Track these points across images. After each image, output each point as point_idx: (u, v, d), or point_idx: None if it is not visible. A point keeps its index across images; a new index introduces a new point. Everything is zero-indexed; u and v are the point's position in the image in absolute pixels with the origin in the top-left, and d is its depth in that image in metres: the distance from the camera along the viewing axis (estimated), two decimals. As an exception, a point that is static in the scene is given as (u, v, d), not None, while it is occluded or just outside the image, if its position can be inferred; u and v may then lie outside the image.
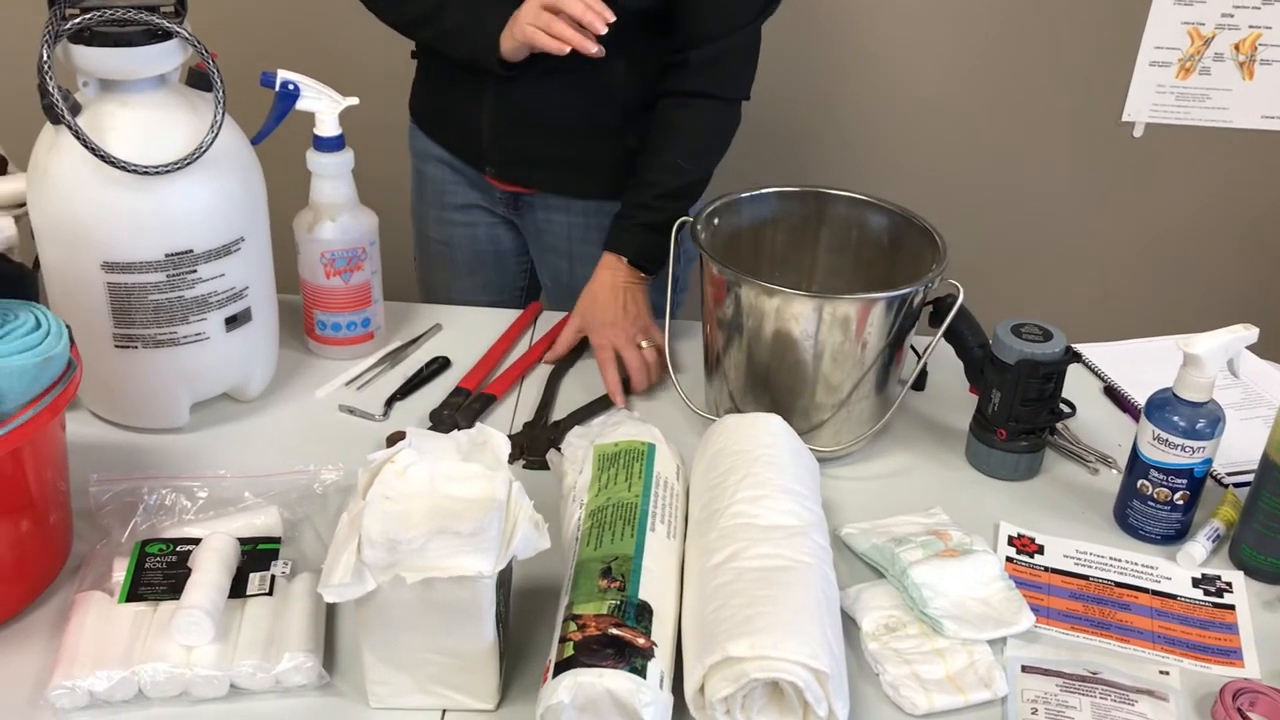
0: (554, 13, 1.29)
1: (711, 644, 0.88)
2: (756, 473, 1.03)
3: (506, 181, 1.59)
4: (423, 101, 1.64)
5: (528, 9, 1.32)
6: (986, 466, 1.25)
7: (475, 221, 1.66)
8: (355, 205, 1.34)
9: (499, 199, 1.63)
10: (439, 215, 1.67)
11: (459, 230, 1.67)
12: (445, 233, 1.68)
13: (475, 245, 1.68)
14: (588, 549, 0.97)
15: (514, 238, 1.69)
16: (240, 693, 0.94)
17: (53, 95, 1.07)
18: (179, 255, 1.14)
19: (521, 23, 1.32)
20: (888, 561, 1.07)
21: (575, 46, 1.29)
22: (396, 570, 0.85)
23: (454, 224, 1.67)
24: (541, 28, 1.30)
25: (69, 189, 1.12)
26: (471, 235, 1.67)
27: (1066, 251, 2.41)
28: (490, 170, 1.58)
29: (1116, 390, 1.40)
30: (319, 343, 1.38)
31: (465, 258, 1.69)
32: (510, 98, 1.48)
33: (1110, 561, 1.13)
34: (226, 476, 1.14)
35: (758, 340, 1.19)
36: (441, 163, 1.63)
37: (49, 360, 0.94)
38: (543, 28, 1.30)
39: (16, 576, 1.00)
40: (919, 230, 1.26)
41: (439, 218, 1.68)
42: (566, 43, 1.29)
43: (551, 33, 1.29)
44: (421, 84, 1.63)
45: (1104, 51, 2.19)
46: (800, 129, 2.28)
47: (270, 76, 1.27)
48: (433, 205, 1.67)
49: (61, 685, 0.90)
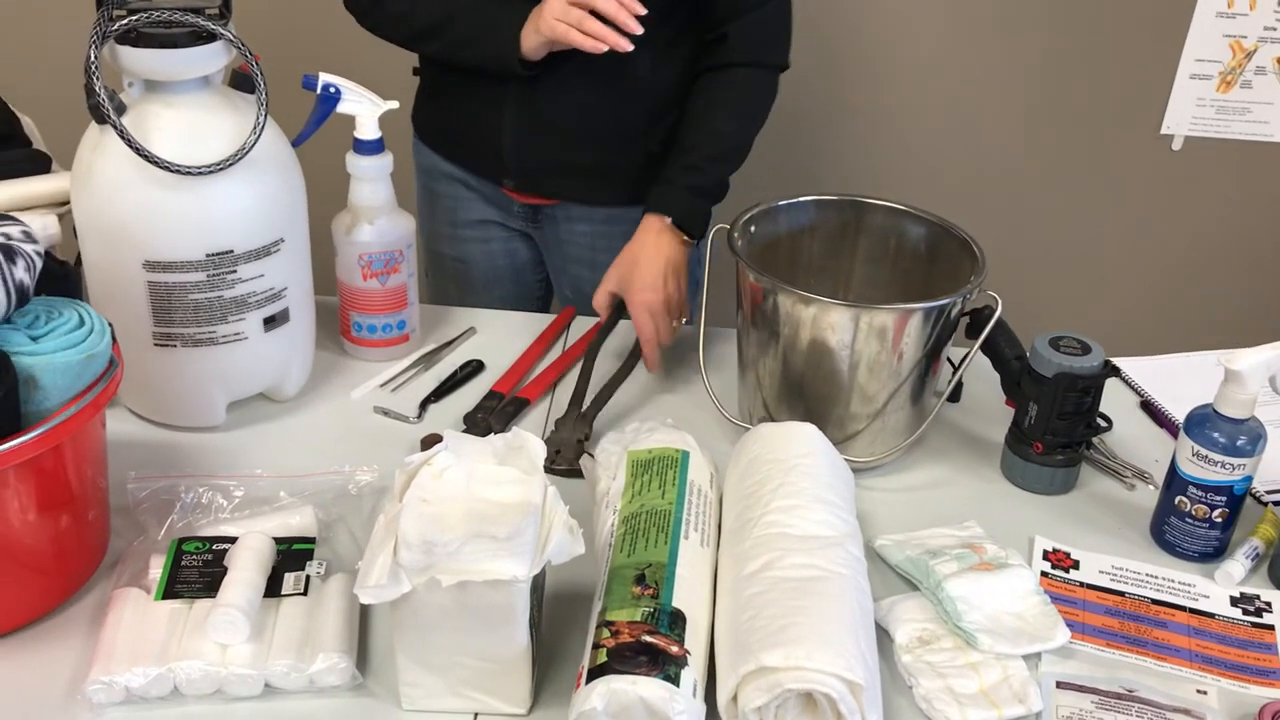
0: (583, 9, 1.27)
1: (745, 653, 0.88)
2: (792, 482, 1.03)
3: (526, 193, 1.58)
4: (431, 118, 1.61)
5: (555, 4, 1.29)
6: (1022, 480, 1.24)
7: (491, 237, 1.65)
8: (393, 208, 1.34)
9: (517, 212, 1.62)
10: (453, 233, 1.66)
11: (474, 247, 1.66)
12: (460, 250, 1.66)
13: (491, 260, 1.67)
14: (621, 555, 0.97)
15: (530, 250, 1.68)
16: (274, 692, 0.94)
17: (99, 95, 1.08)
18: (219, 255, 1.15)
19: (549, 19, 1.30)
20: (922, 574, 1.07)
21: (611, 44, 1.27)
22: (432, 573, 0.86)
23: (469, 240, 1.66)
24: (573, 24, 1.28)
25: (112, 188, 1.13)
26: (487, 251, 1.66)
27: (1104, 264, 2.39)
28: (509, 183, 1.56)
29: (1153, 405, 1.39)
30: (355, 344, 1.39)
31: (481, 273, 1.68)
32: (532, 105, 1.47)
33: (1146, 578, 1.12)
34: (262, 476, 1.15)
35: (793, 348, 1.19)
36: (453, 179, 1.62)
37: (92, 358, 0.95)
38: (574, 24, 1.28)
39: (55, 571, 1.00)
40: (957, 241, 1.25)
41: (453, 235, 1.66)
42: (601, 41, 1.27)
43: (584, 30, 1.27)
44: (428, 100, 1.60)
45: (1144, 64, 2.18)
46: (838, 138, 2.28)
47: (312, 79, 1.28)
48: (445, 223, 1.66)
49: (98, 681, 0.91)
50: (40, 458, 0.92)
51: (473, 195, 1.62)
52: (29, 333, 0.94)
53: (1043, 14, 2.15)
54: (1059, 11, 2.15)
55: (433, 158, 1.63)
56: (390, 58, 1.73)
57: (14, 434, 0.89)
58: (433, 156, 1.63)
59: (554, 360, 1.41)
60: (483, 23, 1.40)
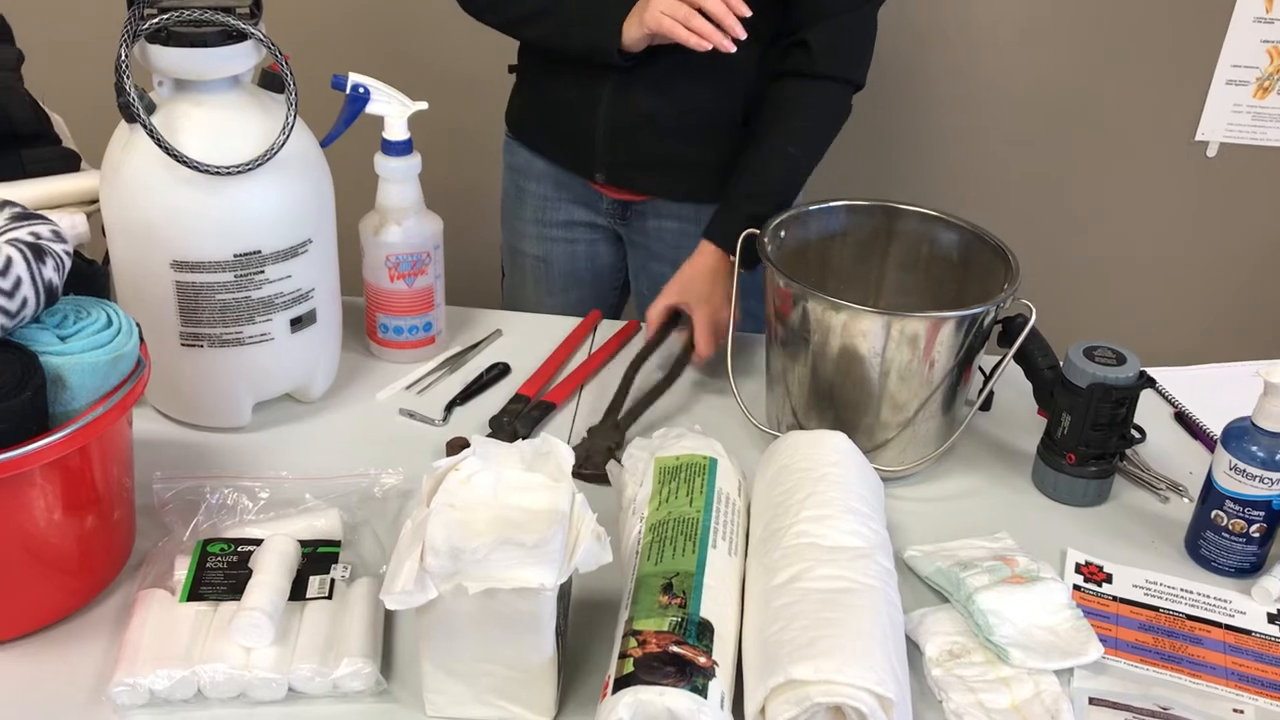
0: (691, 6, 1.27)
1: (774, 665, 0.86)
2: (821, 491, 1.02)
3: (616, 188, 1.57)
4: (525, 113, 1.62)
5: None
6: (1054, 491, 1.22)
7: (576, 238, 1.65)
8: (421, 210, 1.34)
9: (605, 209, 1.62)
10: (539, 232, 1.66)
11: (559, 246, 1.66)
12: (544, 249, 1.66)
13: (574, 261, 1.67)
14: (648, 564, 0.96)
15: (613, 252, 1.68)
16: (298, 696, 0.93)
17: (129, 94, 1.08)
18: (247, 256, 1.15)
19: (655, 12, 1.30)
20: (953, 586, 1.05)
21: (715, 44, 1.26)
22: (458, 579, 0.85)
23: (554, 240, 1.66)
24: (680, 21, 1.27)
25: (141, 187, 1.13)
26: (571, 252, 1.66)
27: (1137, 272, 2.37)
28: (600, 177, 1.56)
29: (1188, 417, 1.37)
30: (381, 345, 1.39)
31: (561, 274, 1.68)
32: (629, 97, 1.46)
33: (1181, 593, 1.10)
34: (288, 478, 1.15)
35: (823, 355, 1.17)
36: (545, 178, 1.62)
37: (119, 358, 0.94)
38: (681, 21, 1.27)
39: (81, 571, 1.00)
40: (991, 248, 1.24)
41: (539, 234, 1.66)
42: (706, 39, 1.26)
43: (690, 27, 1.27)
44: (524, 95, 1.61)
45: (1179, 69, 2.15)
46: (869, 143, 2.26)
47: (341, 79, 1.27)
48: (532, 222, 1.66)
49: (123, 682, 0.90)
50: (67, 458, 0.92)
51: (562, 195, 1.62)
52: (57, 332, 0.93)
53: (1078, 19, 2.13)
54: (1094, 17, 2.12)
55: (525, 155, 1.63)
56: (419, 58, 1.73)
57: (41, 434, 0.89)
58: (525, 154, 1.63)
59: (580, 364, 1.41)
60: (588, 10, 1.39)
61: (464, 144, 1.65)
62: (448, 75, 1.73)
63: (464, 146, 1.65)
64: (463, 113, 1.64)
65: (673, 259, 1.54)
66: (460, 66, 1.64)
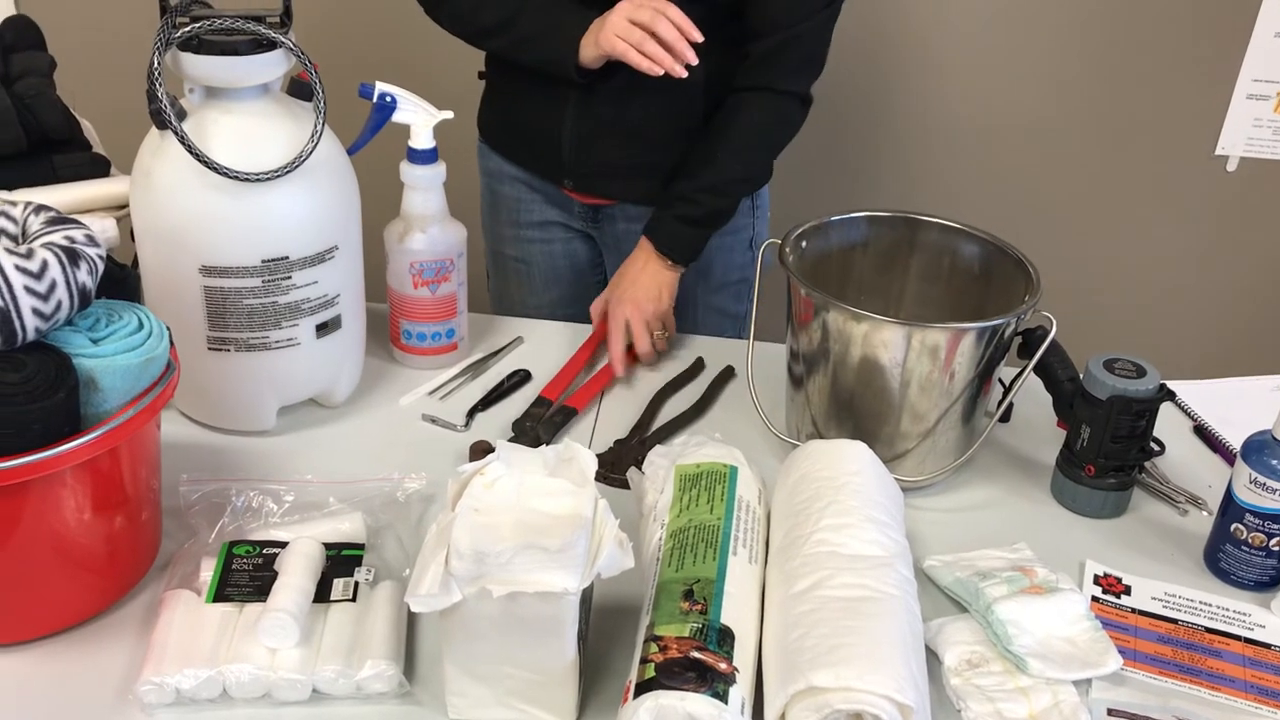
0: (644, 31, 1.29)
1: (794, 672, 0.87)
2: (841, 500, 1.02)
3: (586, 194, 1.60)
4: (494, 119, 1.64)
5: (617, 21, 1.32)
6: (1073, 503, 1.22)
7: (552, 238, 1.67)
8: (445, 217, 1.35)
9: (578, 213, 1.64)
10: (515, 234, 1.68)
11: (536, 247, 1.68)
12: (522, 250, 1.69)
13: (552, 261, 1.69)
14: (669, 570, 0.97)
15: (590, 251, 1.70)
16: (322, 697, 0.94)
17: (161, 101, 1.09)
18: (275, 261, 1.16)
19: (609, 34, 1.32)
20: (971, 596, 1.06)
21: (666, 69, 1.30)
22: (482, 583, 0.86)
23: (531, 241, 1.68)
24: (633, 45, 1.30)
25: (171, 193, 1.14)
26: (548, 251, 1.68)
27: (1157, 285, 2.37)
28: (569, 184, 1.58)
29: (1207, 430, 1.37)
30: (404, 352, 1.40)
31: (542, 274, 1.69)
32: (591, 108, 1.49)
33: (1200, 606, 1.10)
34: (312, 481, 1.16)
35: (844, 365, 1.18)
36: (517, 181, 1.64)
37: (150, 361, 0.96)
38: (634, 45, 1.30)
39: (108, 571, 1.02)
40: (1012, 260, 1.24)
41: (515, 236, 1.68)
42: (657, 64, 1.30)
43: (644, 51, 1.30)
44: (492, 102, 1.63)
45: (1200, 83, 2.16)
46: (890, 155, 2.27)
47: (368, 88, 1.29)
48: (508, 224, 1.68)
49: (150, 681, 0.92)
50: (97, 459, 0.93)
51: (535, 196, 1.64)
52: (90, 335, 0.95)
53: (1100, 33, 2.14)
54: (1116, 31, 2.13)
55: (496, 160, 1.65)
56: (447, 67, 1.74)
57: (74, 435, 0.91)
58: (496, 159, 1.65)
59: (603, 368, 1.42)
60: (546, 25, 1.42)
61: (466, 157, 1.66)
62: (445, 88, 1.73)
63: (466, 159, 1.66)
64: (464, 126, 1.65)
65: None
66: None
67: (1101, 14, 2.12)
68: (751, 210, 1.62)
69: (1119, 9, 2.11)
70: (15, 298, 0.87)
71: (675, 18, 1.30)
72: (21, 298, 0.88)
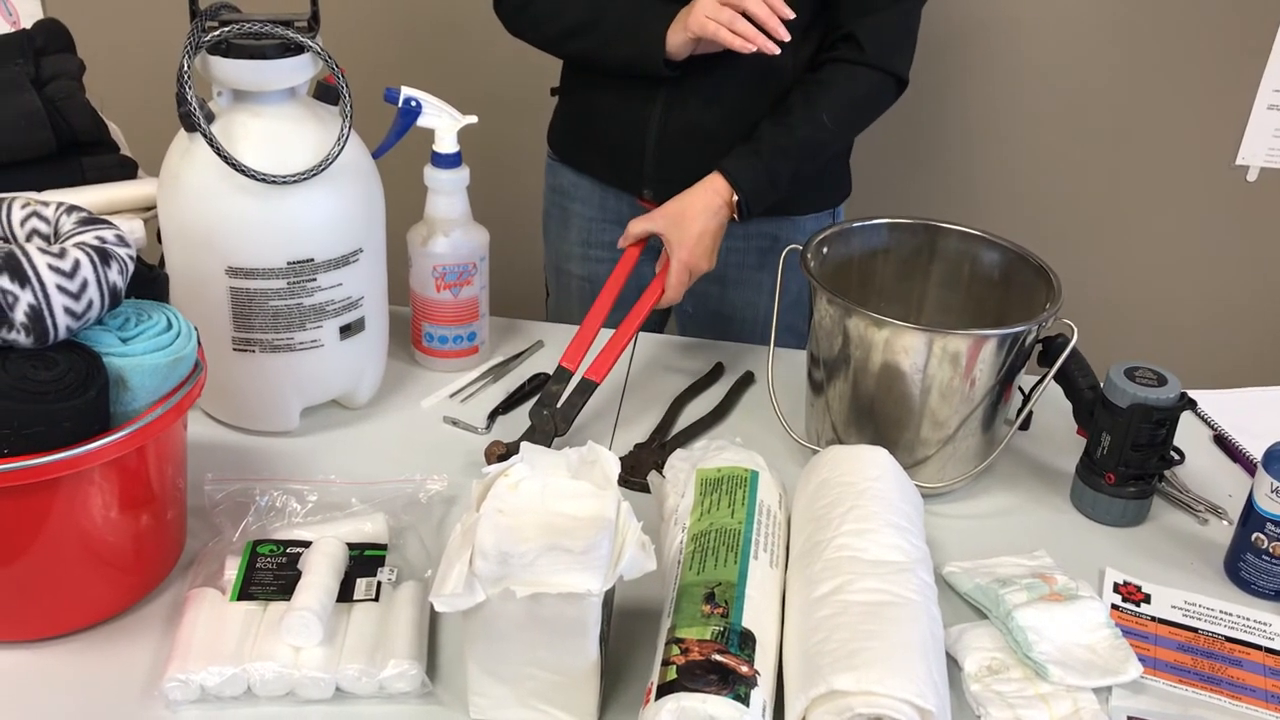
0: (735, 9, 1.28)
1: (815, 676, 0.87)
2: (862, 505, 1.03)
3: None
4: (569, 132, 1.63)
5: (707, 2, 1.31)
6: (1092, 511, 1.22)
7: None
8: (468, 221, 1.36)
9: None
10: (584, 253, 1.67)
11: (604, 267, 1.65)
12: (589, 269, 1.67)
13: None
14: (690, 573, 0.97)
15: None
16: (345, 696, 0.95)
17: (191, 104, 1.10)
18: (300, 264, 1.17)
19: (699, 16, 1.31)
20: (991, 603, 1.06)
21: (759, 46, 1.28)
22: (506, 583, 0.86)
23: (600, 261, 1.66)
24: (724, 24, 1.29)
25: (198, 195, 1.15)
26: None
27: (1176, 294, 2.36)
28: (648, 193, 1.56)
29: (1227, 439, 1.37)
30: (426, 354, 1.41)
31: None
32: (677, 108, 1.48)
33: (1221, 615, 1.10)
34: (336, 482, 1.17)
35: (864, 371, 1.19)
36: (590, 200, 1.63)
37: (179, 360, 0.97)
38: (725, 24, 1.29)
39: (134, 569, 1.02)
40: (1033, 268, 1.24)
41: (584, 255, 1.67)
42: (750, 41, 1.28)
43: (734, 30, 1.28)
44: (568, 115, 1.62)
45: (1221, 93, 2.15)
46: (913, 162, 2.27)
47: (394, 92, 1.30)
48: (578, 243, 1.67)
49: (175, 678, 0.92)
50: (125, 457, 0.95)
51: (607, 217, 1.63)
52: (119, 334, 0.96)
53: (1121, 43, 2.13)
54: (1137, 41, 2.13)
55: (569, 175, 1.64)
56: (470, 73, 1.75)
57: (103, 433, 0.92)
58: (569, 174, 1.64)
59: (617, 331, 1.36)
60: (630, 20, 1.41)
61: (504, 161, 1.67)
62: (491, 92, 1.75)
63: (504, 163, 1.67)
64: (505, 129, 1.65)
65: (719, 275, 1.54)
66: (500, 84, 1.66)
67: (1122, 24, 2.12)
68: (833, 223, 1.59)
69: (1140, 19, 2.11)
70: (48, 296, 0.89)
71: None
72: (54, 296, 0.89)
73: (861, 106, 1.44)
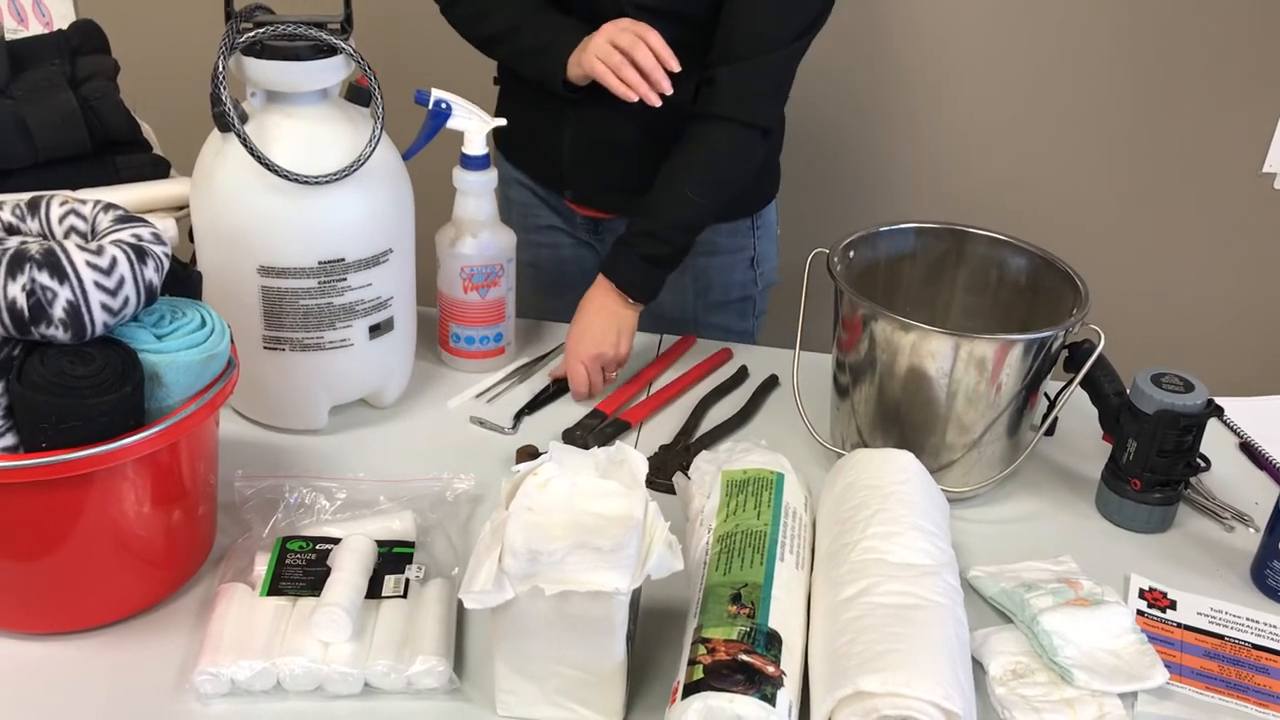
0: (623, 55, 1.30)
1: (842, 677, 0.88)
2: (889, 509, 1.03)
3: (585, 206, 1.61)
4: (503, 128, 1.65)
5: (599, 43, 1.32)
6: (1118, 517, 1.22)
7: (559, 243, 1.68)
8: (496, 223, 1.37)
9: (579, 223, 1.65)
10: (524, 237, 1.66)
11: (544, 252, 1.69)
12: (532, 254, 1.69)
13: (561, 266, 1.70)
14: (716, 574, 0.98)
15: (599, 259, 1.70)
16: (373, 691, 0.96)
17: (225, 104, 1.12)
18: (331, 263, 1.18)
19: (590, 55, 1.33)
20: (1017, 607, 1.06)
21: (640, 95, 1.30)
22: (535, 581, 0.87)
23: (539, 246, 1.69)
24: (612, 68, 1.31)
25: (231, 195, 1.17)
26: (557, 257, 1.69)
27: (1203, 301, 2.35)
28: (569, 194, 1.60)
29: (1253, 447, 1.36)
30: (452, 355, 1.42)
31: (553, 278, 1.70)
32: (587, 123, 1.50)
33: (1247, 623, 1.10)
34: (364, 480, 1.18)
35: (890, 375, 1.19)
36: (524, 187, 1.66)
37: (212, 357, 0.98)
38: (613, 68, 1.31)
39: (166, 563, 1.04)
40: (1060, 274, 1.24)
41: (525, 240, 1.66)
42: (632, 89, 1.30)
43: (620, 76, 1.30)
44: (503, 110, 1.63)
45: (1247, 101, 2.15)
46: (939, 168, 2.27)
47: (424, 94, 1.31)
48: (518, 228, 1.67)
49: (206, 671, 0.94)
50: (159, 453, 0.96)
51: (541, 203, 1.66)
52: (154, 331, 0.97)
53: (1145, 50, 2.13)
54: (1163, 47, 2.12)
55: (506, 165, 1.67)
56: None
57: (137, 428, 0.93)
58: (506, 164, 1.67)
59: (664, 387, 1.42)
60: (541, 40, 1.42)
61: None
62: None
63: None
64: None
65: None
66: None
67: (1149, 30, 2.11)
68: (751, 230, 1.62)
69: (1166, 26, 2.10)
70: (85, 292, 0.90)
71: (655, 45, 1.30)
72: (91, 293, 0.90)
73: (725, 166, 1.41)
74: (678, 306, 1.63)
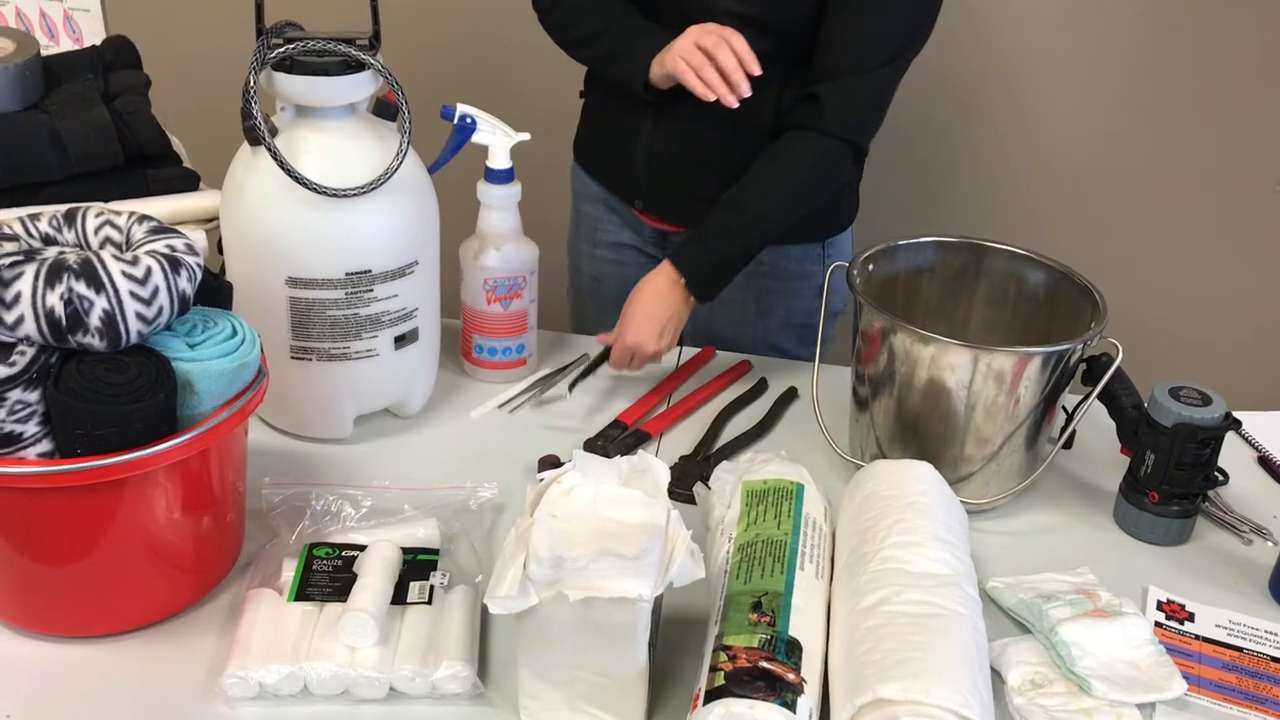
0: (706, 56, 1.31)
1: (862, 685, 0.89)
2: (908, 519, 1.04)
3: (655, 217, 1.62)
4: (585, 139, 1.68)
5: (684, 43, 1.34)
6: (1136, 529, 1.23)
7: (625, 260, 1.70)
8: (519, 236, 1.39)
9: (648, 237, 1.66)
10: (591, 252, 1.72)
11: (609, 268, 1.71)
12: (597, 269, 1.72)
13: (625, 283, 1.70)
14: (737, 582, 0.99)
15: None
16: (398, 696, 0.97)
17: (255, 118, 1.14)
18: (358, 275, 1.20)
19: (674, 54, 1.34)
20: (1035, 617, 1.07)
21: (719, 96, 1.31)
22: (559, 587, 0.88)
23: (605, 261, 1.71)
24: (693, 68, 1.32)
25: (261, 207, 1.19)
26: (621, 273, 1.70)
27: (1221, 314, 2.35)
28: (639, 204, 1.61)
29: (1272, 461, 1.37)
30: (475, 365, 1.43)
31: (615, 294, 1.71)
32: (665, 131, 1.51)
33: (1266, 635, 1.10)
34: (389, 488, 1.19)
35: (909, 388, 1.20)
36: (597, 200, 1.68)
37: (243, 366, 1.00)
38: (694, 68, 1.32)
39: (195, 569, 1.05)
40: (1078, 288, 1.25)
41: (591, 254, 1.72)
42: (712, 90, 1.31)
43: (701, 76, 1.31)
44: (585, 122, 1.67)
45: (1265, 112, 2.15)
46: (959, 182, 2.28)
47: (450, 109, 1.33)
48: (586, 241, 1.72)
49: (234, 674, 0.95)
50: (189, 460, 0.98)
51: (612, 217, 1.67)
52: (186, 340, 0.99)
53: (1162, 62, 2.14)
54: (1181, 59, 2.13)
55: (582, 177, 1.69)
56: (527, 91, 1.78)
57: (169, 435, 0.95)
58: (583, 176, 1.69)
59: (684, 397, 1.43)
60: (626, 41, 1.44)
61: (556, 179, 1.70)
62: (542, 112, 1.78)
63: (554, 181, 1.70)
64: (557, 149, 1.69)
65: None
66: (554, 101, 1.69)
67: (1169, 45, 2.12)
68: (822, 256, 1.61)
69: (1186, 40, 2.11)
70: (121, 301, 0.92)
71: (738, 48, 1.31)
72: (127, 302, 0.92)
73: (814, 179, 1.42)
74: (732, 324, 1.63)
